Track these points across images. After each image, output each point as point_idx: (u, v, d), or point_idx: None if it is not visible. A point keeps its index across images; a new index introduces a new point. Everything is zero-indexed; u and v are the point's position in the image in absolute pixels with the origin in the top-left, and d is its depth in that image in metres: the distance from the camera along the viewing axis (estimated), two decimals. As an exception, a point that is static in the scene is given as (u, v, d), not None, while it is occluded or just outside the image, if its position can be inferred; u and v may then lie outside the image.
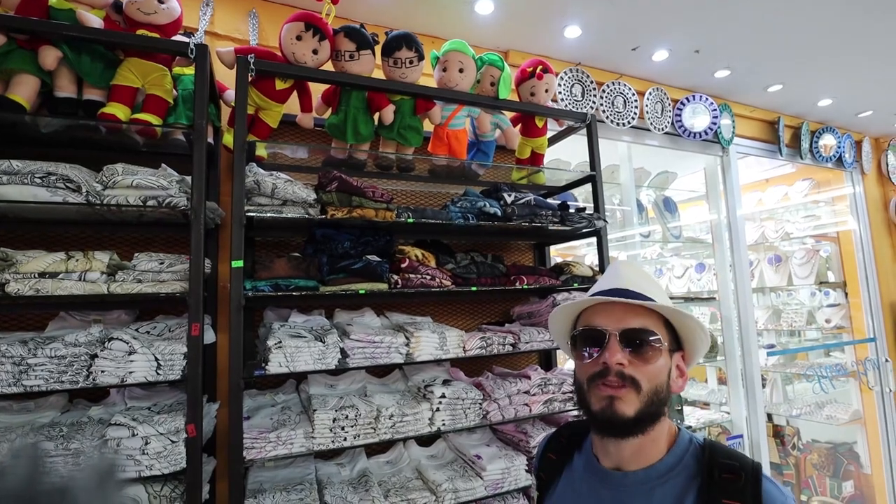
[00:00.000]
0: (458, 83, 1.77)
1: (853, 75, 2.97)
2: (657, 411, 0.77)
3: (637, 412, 0.75)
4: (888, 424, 3.81)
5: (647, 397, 0.76)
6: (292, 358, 1.42)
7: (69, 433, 1.24)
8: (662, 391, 0.78)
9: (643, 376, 0.76)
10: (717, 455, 0.75)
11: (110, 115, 1.33)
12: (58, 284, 1.24)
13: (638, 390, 0.76)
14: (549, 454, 0.95)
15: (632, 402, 0.75)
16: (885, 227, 4.19)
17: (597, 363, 0.78)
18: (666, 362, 0.79)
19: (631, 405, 0.75)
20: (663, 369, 0.78)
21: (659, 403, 0.77)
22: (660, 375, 0.78)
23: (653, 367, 0.77)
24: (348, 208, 1.52)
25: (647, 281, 0.86)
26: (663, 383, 0.78)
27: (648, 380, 0.77)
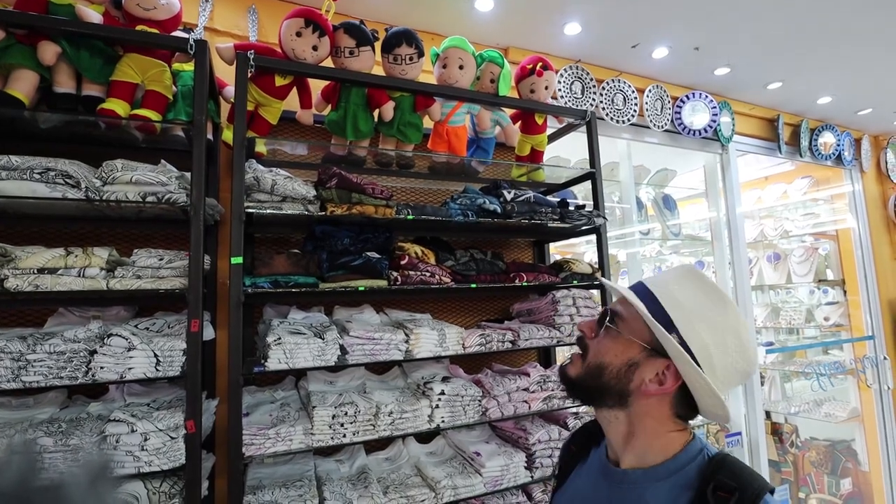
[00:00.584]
0: (458, 80, 1.77)
1: (853, 73, 2.97)
2: (603, 388, 0.78)
3: (577, 376, 0.81)
4: (886, 422, 3.83)
5: (588, 369, 0.80)
6: (291, 354, 1.42)
7: (68, 429, 1.24)
8: (609, 373, 0.78)
9: (593, 350, 0.81)
10: (721, 472, 0.71)
11: (109, 111, 1.33)
12: (57, 280, 1.24)
13: (583, 358, 0.82)
14: (570, 445, 0.96)
15: (577, 367, 0.82)
16: (883, 225, 4.19)
17: None
18: (624, 351, 0.78)
19: (574, 368, 0.82)
20: (615, 353, 0.78)
21: (603, 381, 0.78)
22: (606, 354, 0.79)
23: (600, 344, 0.80)
24: (348, 205, 1.51)
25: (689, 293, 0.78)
26: (613, 367, 0.78)
27: (594, 354, 0.80)
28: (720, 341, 0.75)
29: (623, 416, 0.79)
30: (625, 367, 0.78)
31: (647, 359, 0.77)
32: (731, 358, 0.75)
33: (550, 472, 1.73)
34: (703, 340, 0.74)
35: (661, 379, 0.76)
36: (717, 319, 0.76)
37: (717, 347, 0.74)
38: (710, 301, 0.78)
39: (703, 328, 0.75)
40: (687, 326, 0.75)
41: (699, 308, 0.77)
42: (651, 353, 0.77)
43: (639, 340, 0.78)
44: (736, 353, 0.75)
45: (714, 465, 0.73)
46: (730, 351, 0.75)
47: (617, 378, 0.78)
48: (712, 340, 0.75)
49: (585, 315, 1.89)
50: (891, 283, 4.09)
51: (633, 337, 0.78)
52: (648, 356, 0.77)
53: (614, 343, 0.79)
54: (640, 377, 0.77)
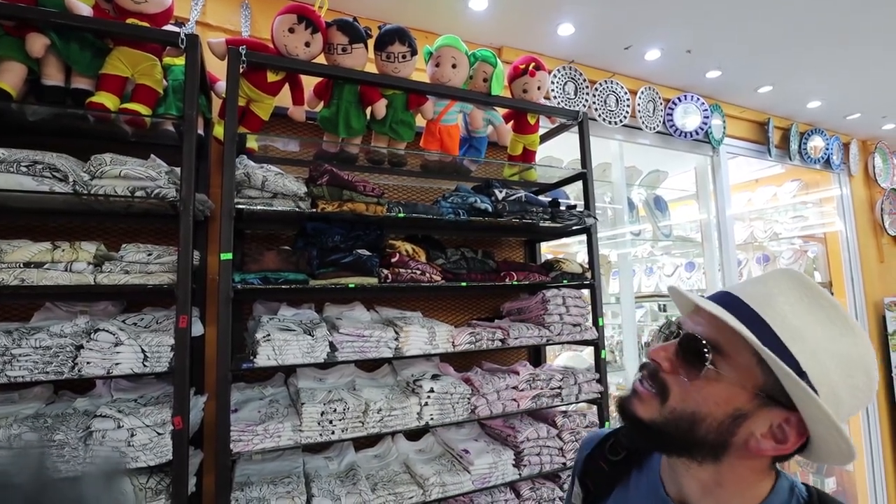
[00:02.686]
0: (451, 79, 1.77)
1: (842, 78, 3.02)
2: (693, 443, 0.60)
3: (650, 420, 0.62)
4: (870, 421, 3.89)
5: (670, 415, 0.61)
6: (281, 351, 1.42)
7: (54, 424, 1.23)
8: (707, 426, 0.59)
9: (678, 391, 0.61)
10: None
11: (98, 105, 1.32)
12: (43, 275, 1.23)
13: (663, 400, 0.62)
14: (600, 462, 0.81)
15: (650, 408, 0.62)
16: (870, 228, 4.25)
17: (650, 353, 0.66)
18: (728, 399, 0.59)
19: (647, 410, 0.63)
20: (716, 402, 0.59)
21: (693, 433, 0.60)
22: (702, 403, 0.60)
23: (693, 389, 0.60)
24: (339, 202, 1.51)
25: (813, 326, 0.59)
26: (713, 419, 0.59)
27: (682, 399, 0.61)
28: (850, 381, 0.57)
29: (711, 469, 0.62)
30: (728, 420, 0.59)
31: (760, 409, 0.59)
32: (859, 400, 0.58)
33: (538, 471, 1.74)
34: (831, 382, 0.56)
35: (778, 435, 0.59)
36: (846, 352, 0.58)
37: (847, 389, 0.57)
38: (835, 325, 0.59)
39: (832, 365, 0.57)
40: (814, 365, 0.56)
41: (824, 336, 0.58)
42: (766, 401, 0.58)
43: (750, 386, 0.58)
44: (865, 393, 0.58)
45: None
46: (859, 392, 0.57)
47: (717, 432, 0.60)
48: (842, 381, 0.57)
49: (575, 314, 1.91)
50: (876, 285, 4.15)
51: (743, 381, 0.59)
52: (762, 406, 0.59)
53: (713, 387, 0.60)
54: (748, 431, 0.59)
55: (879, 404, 3.92)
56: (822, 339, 0.58)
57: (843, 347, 0.58)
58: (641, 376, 0.66)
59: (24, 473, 0.66)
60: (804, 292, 0.61)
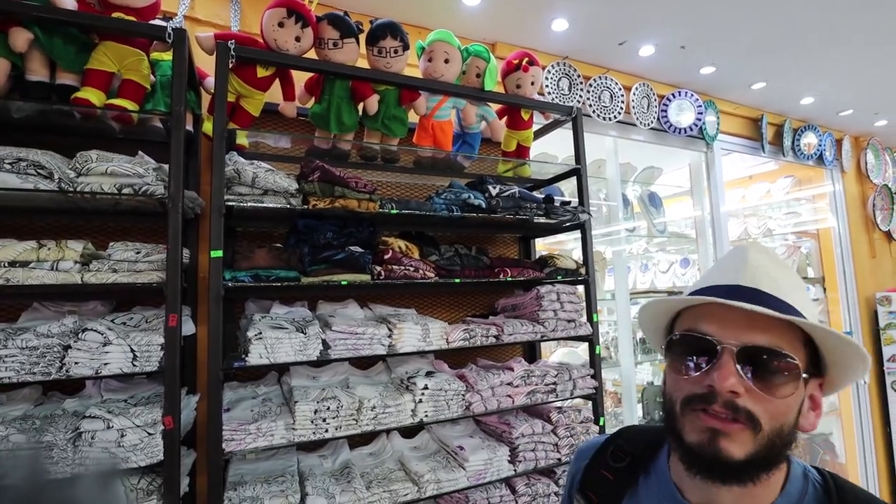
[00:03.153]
0: (444, 74, 1.76)
1: (835, 74, 3.02)
2: (777, 456, 0.58)
3: (749, 455, 0.56)
4: (862, 416, 3.92)
5: (766, 439, 0.57)
6: (273, 349, 1.40)
7: (42, 426, 1.22)
8: (788, 431, 0.58)
9: (765, 412, 0.57)
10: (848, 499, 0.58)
11: (84, 100, 1.29)
12: (29, 274, 1.21)
13: (755, 429, 0.56)
14: (602, 471, 0.76)
15: (744, 442, 0.56)
16: (862, 224, 4.28)
17: (699, 383, 0.59)
18: (799, 394, 0.58)
19: (742, 447, 0.56)
20: (793, 404, 0.58)
21: (781, 446, 0.58)
22: (788, 413, 0.58)
23: (780, 403, 0.57)
24: (331, 198, 1.50)
25: (785, 275, 0.63)
26: (791, 421, 0.58)
27: (772, 417, 0.57)
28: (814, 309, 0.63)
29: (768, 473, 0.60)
30: (795, 415, 0.59)
31: (805, 387, 0.59)
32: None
33: (533, 467, 1.74)
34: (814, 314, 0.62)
35: (817, 400, 0.61)
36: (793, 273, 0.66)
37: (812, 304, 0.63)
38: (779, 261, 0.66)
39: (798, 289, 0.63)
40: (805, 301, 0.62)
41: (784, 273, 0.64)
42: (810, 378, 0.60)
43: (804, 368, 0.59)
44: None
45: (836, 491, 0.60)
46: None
47: (792, 431, 0.59)
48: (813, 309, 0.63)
49: (570, 310, 1.90)
50: (869, 280, 4.18)
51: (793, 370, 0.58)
52: (805, 384, 0.59)
53: (790, 392, 0.58)
54: (802, 413, 0.60)
55: (871, 397, 3.96)
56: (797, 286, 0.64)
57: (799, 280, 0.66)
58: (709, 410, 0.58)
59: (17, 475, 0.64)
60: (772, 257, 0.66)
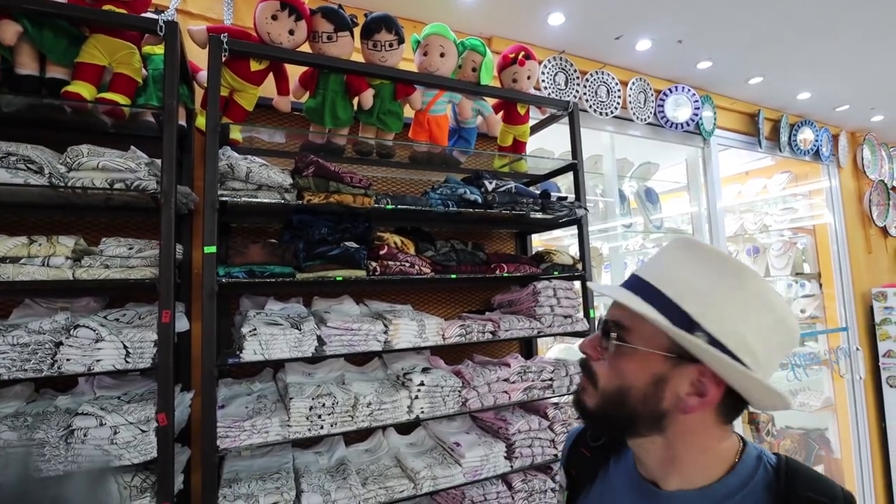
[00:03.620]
0: (440, 68, 1.75)
1: (831, 69, 3.02)
2: (630, 417, 0.65)
3: (596, 406, 0.68)
4: (857, 411, 3.94)
5: (603, 396, 0.67)
6: (267, 346, 1.40)
7: (34, 423, 1.20)
8: (634, 397, 0.64)
9: (603, 373, 0.67)
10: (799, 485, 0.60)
11: (74, 94, 1.28)
12: (19, 270, 1.19)
13: (595, 385, 0.68)
14: (582, 449, 0.84)
15: (590, 396, 0.69)
16: (858, 220, 4.29)
17: None
18: (644, 367, 0.64)
19: (590, 399, 0.69)
20: (634, 372, 0.65)
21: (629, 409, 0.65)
22: (624, 376, 0.65)
23: (613, 365, 0.66)
24: (325, 194, 1.49)
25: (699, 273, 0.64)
26: (637, 389, 0.64)
27: (608, 379, 0.66)
28: (753, 322, 0.61)
29: (660, 441, 0.66)
30: (651, 387, 0.64)
31: (675, 368, 0.63)
32: (769, 337, 0.61)
33: (530, 463, 1.74)
34: (734, 328, 0.61)
35: (700, 388, 0.62)
36: (740, 296, 0.62)
37: (752, 331, 0.61)
38: (725, 274, 0.63)
39: (729, 311, 0.61)
40: (711, 316, 0.61)
41: (716, 287, 0.63)
42: (678, 361, 0.63)
43: (658, 351, 0.63)
44: (773, 328, 0.62)
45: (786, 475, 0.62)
46: (765, 328, 0.61)
47: (644, 401, 0.64)
48: (744, 324, 0.61)
49: (566, 306, 1.90)
50: (864, 276, 4.19)
51: (650, 348, 0.64)
52: (675, 366, 0.63)
53: (629, 360, 0.65)
54: (674, 393, 0.63)
55: (867, 393, 3.98)
56: (714, 289, 0.63)
57: (737, 292, 0.62)
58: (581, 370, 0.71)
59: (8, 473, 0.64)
60: (692, 250, 0.67)
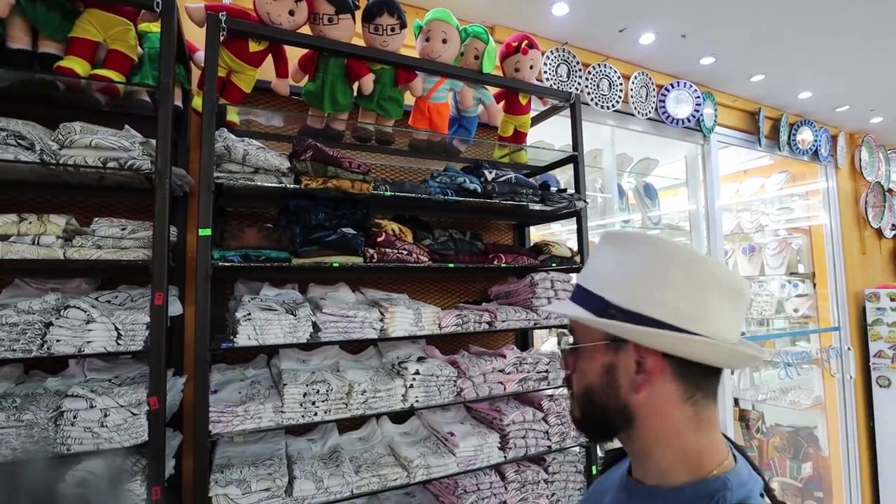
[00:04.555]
0: (441, 54, 1.72)
1: (833, 69, 3.01)
2: (604, 414, 0.67)
3: (581, 413, 0.71)
4: (847, 410, 3.98)
5: (579, 402, 0.71)
6: (262, 331, 1.38)
7: (22, 405, 1.18)
8: (597, 393, 0.67)
9: (575, 380, 0.71)
10: None
11: (67, 69, 1.24)
12: (8, 248, 1.17)
13: (572, 394, 0.72)
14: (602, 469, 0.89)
15: (574, 405, 0.72)
16: (854, 221, 4.31)
17: None
18: (594, 361, 0.68)
19: (575, 408, 0.72)
20: (590, 369, 0.68)
21: (596, 406, 0.68)
22: (587, 376, 0.69)
23: (576, 370, 0.71)
24: (323, 178, 1.47)
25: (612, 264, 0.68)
26: (595, 383, 0.68)
27: (577, 384, 0.71)
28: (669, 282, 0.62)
29: (635, 433, 0.67)
30: (604, 377, 0.67)
31: (616, 354, 0.66)
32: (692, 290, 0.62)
33: (523, 454, 1.74)
34: (648, 296, 0.63)
35: (644, 365, 0.64)
36: (648, 263, 0.64)
37: (671, 292, 0.62)
38: (633, 250, 0.66)
39: (640, 281, 0.64)
40: (623, 293, 0.64)
41: (625, 265, 0.65)
42: (615, 345, 0.66)
43: (596, 342, 0.68)
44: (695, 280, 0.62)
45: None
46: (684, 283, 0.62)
47: (606, 395, 0.67)
48: (659, 289, 0.62)
49: (563, 298, 1.89)
50: (858, 276, 4.22)
51: (590, 341, 0.68)
52: (616, 351, 0.66)
53: (584, 360, 0.70)
54: (625, 377, 0.65)
55: (856, 392, 4.02)
56: (625, 268, 0.65)
57: (645, 262, 0.64)
58: None
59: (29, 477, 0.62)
60: (606, 244, 0.70)
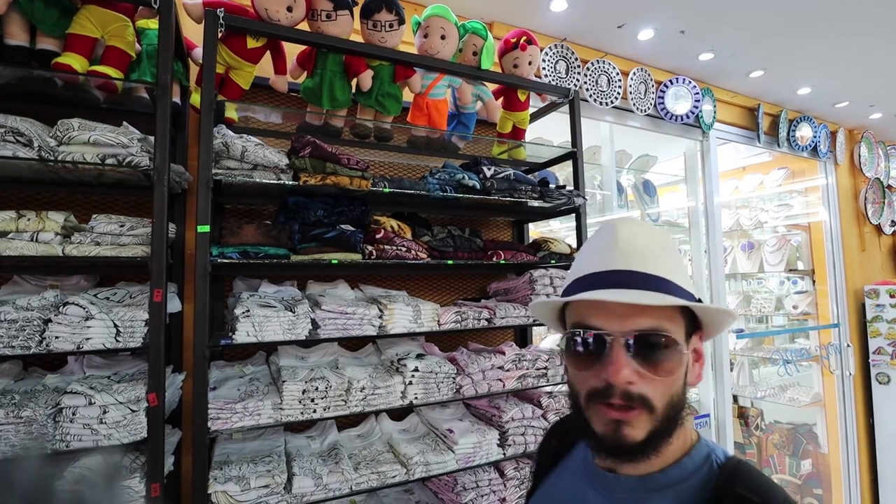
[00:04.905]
0: (440, 50, 1.72)
1: (832, 64, 3.01)
2: (673, 424, 0.62)
3: (648, 434, 0.60)
4: (846, 406, 3.99)
5: (661, 416, 0.60)
6: (260, 328, 1.38)
7: (21, 401, 1.18)
8: (679, 399, 0.62)
9: (657, 392, 0.60)
10: (736, 483, 0.59)
11: (65, 66, 1.24)
12: (7, 244, 1.17)
13: (651, 411, 0.60)
14: (551, 438, 0.84)
15: (642, 424, 0.60)
16: (853, 217, 4.31)
17: (597, 376, 0.61)
18: (683, 360, 0.63)
19: (641, 429, 0.60)
20: (680, 374, 0.62)
21: (676, 415, 0.62)
22: (676, 383, 0.62)
23: (669, 379, 0.61)
24: (322, 175, 1.46)
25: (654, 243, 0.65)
26: (680, 389, 0.62)
27: (663, 395, 0.60)
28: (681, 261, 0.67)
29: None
30: (683, 379, 0.63)
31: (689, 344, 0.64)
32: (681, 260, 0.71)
33: (522, 451, 1.74)
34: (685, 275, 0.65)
35: (699, 352, 0.65)
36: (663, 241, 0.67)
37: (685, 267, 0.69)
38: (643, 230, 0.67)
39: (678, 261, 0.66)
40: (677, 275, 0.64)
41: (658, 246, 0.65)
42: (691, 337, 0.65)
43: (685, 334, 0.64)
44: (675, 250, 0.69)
45: (729, 473, 0.61)
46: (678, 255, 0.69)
47: (683, 396, 0.63)
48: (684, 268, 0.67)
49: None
50: (857, 273, 4.22)
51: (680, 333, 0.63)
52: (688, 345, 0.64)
53: (673, 361, 0.61)
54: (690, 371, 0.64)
55: (856, 389, 4.02)
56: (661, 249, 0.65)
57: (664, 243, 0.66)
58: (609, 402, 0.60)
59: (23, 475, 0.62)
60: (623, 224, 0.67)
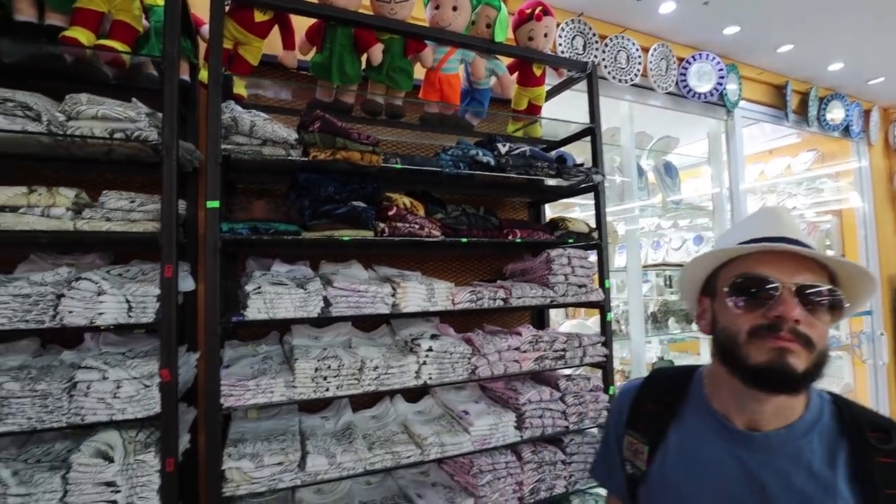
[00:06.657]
0: (452, 23, 1.66)
1: (867, 37, 2.85)
2: (820, 371, 0.72)
3: (806, 369, 0.70)
4: (879, 396, 3.83)
5: (816, 357, 0.71)
6: (272, 304, 1.36)
7: (38, 375, 1.19)
8: (828, 346, 0.73)
9: (817, 335, 0.71)
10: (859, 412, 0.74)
11: (72, 39, 1.23)
12: (19, 219, 1.17)
13: (810, 349, 0.70)
14: (646, 403, 0.88)
15: (803, 359, 0.70)
16: (887, 201, 4.12)
17: (765, 315, 0.72)
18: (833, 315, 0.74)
19: (802, 362, 0.70)
20: (830, 328, 0.74)
21: (825, 360, 0.72)
22: (827, 335, 0.74)
23: (824, 327, 0.72)
24: (332, 150, 1.43)
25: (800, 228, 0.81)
26: (828, 338, 0.74)
27: (820, 339, 0.71)
28: None
29: None
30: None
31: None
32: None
33: (540, 434, 1.70)
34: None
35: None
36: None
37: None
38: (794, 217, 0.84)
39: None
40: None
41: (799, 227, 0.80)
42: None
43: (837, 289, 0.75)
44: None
45: (844, 405, 0.75)
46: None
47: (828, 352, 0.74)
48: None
49: (581, 275, 1.83)
50: (892, 258, 4.04)
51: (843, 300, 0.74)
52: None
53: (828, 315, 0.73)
54: None
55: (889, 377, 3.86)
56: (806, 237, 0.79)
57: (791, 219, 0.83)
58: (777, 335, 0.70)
59: None
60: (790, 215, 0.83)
